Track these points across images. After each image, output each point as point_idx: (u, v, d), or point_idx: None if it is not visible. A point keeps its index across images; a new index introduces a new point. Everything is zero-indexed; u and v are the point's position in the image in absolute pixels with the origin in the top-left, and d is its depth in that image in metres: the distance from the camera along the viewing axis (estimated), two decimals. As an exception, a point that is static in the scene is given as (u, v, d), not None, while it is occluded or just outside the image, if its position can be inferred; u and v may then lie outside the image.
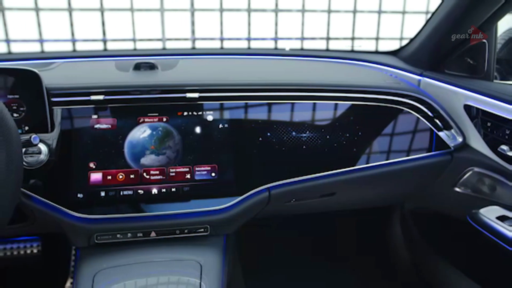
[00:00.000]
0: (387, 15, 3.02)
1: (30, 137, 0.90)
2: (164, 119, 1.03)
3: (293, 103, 1.11)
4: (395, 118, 1.15)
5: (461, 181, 1.16)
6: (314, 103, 1.12)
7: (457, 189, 1.18)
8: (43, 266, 1.35)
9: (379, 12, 2.99)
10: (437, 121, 1.15)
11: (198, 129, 1.04)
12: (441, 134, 1.15)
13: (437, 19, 1.22)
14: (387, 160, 1.13)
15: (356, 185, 1.13)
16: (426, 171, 1.17)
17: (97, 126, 1.01)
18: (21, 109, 0.98)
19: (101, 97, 1.01)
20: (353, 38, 3.12)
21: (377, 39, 3.05)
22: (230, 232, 1.09)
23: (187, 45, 3.00)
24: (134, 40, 2.86)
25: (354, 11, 3.00)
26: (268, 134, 1.08)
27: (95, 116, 1.02)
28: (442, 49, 1.25)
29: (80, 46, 2.78)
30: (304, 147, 1.09)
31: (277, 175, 1.06)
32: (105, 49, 2.80)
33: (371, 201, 1.32)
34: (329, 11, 2.95)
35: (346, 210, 1.47)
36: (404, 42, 1.61)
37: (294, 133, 1.09)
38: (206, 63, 1.31)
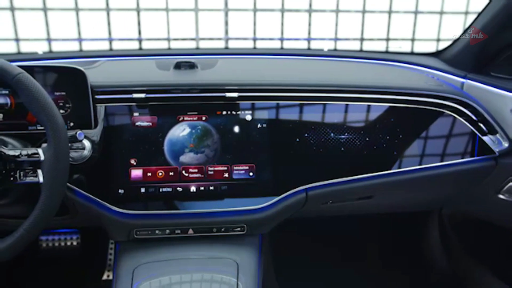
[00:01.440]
0: (423, 16, 2.95)
1: (76, 133, 0.93)
2: (203, 118, 1.04)
3: (331, 104, 1.10)
4: (436, 121, 1.12)
5: (506, 188, 1.12)
6: (353, 104, 1.11)
7: (501, 196, 1.14)
8: (81, 258, 1.39)
9: (416, 12, 2.93)
10: (481, 125, 1.12)
11: (236, 129, 1.05)
12: (485, 138, 1.11)
13: (484, 20, 1.18)
14: (427, 164, 1.10)
15: (395, 189, 1.11)
16: (469, 176, 1.14)
17: (138, 123, 1.03)
18: (67, 105, 1.01)
19: (142, 95, 1.03)
20: (387, 39, 3.07)
21: (413, 40, 2.99)
22: (265, 232, 1.09)
23: (220, 44, 3.02)
24: (168, 39, 2.90)
25: (390, 12, 2.95)
26: (306, 135, 1.08)
27: (136, 114, 1.04)
28: (489, 51, 1.21)
29: (116, 45, 2.83)
30: (342, 149, 1.08)
31: (314, 176, 1.05)
32: (141, 48, 2.85)
33: (409, 205, 1.30)
34: (364, 12, 2.91)
35: (382, 213, 1.45)
36: (441, 43, 1.56)
37: (332, 134, 1.08)
38: (245, 63, 1.32)
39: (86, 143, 1.00)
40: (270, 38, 3.01)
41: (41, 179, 0.82)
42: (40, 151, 0.83)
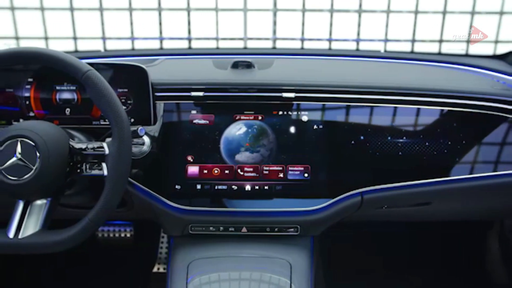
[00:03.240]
0: (480, 16, 2.82)
1: (137, 129, 0.95)
2: (260, 118, 1.05)
3: (389, 107, 1.08)
4: (501, 127, 1.07)
5: None
6: (413, 107, 1.08)
7: None
8: (133, 250, 1.43)
9: (472, 13, 2.81)
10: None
11: (292, 129, 1.04)
12: (556, 147, 1.05)
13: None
14: (491, 171, 1.05)
15: (455, 196, 1.07)
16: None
17: (195, 121, 1.05)
18: (129, 102, 1.04)
19: (201, 93, 1.05)
20: (440, 41, 2.96)
21: (468, 41, 2.87)
22: (318, 234, 1.08)
23: (268, 44, 3.02)
24: (217, 39, 2.94)
25: (444, 12, 2.84)
26: (362, 137, 1.06)
27: (194, 112, 1.05)
28: None
29: (166, 44, 2.90)
30: (400, 153, 1.05)
31: (370, 180, 1.03)
32: (190, 47, 2.90)
33: (469, 214, 1.24)
34: (416, 12, 2.82)
35: (438, 221, 1.40)
36: (500, 46, 1.49)
37: (389, 138, 1.05)
38: (301, 63, 1.31)
39: (146, 139, 1.03)
40: (318, 39, 2.99)
41: (105, 172, 0.85)
42: (105, 145, 0.86)
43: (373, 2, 2.83)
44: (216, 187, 1.02)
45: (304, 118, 1.05)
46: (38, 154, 0.81)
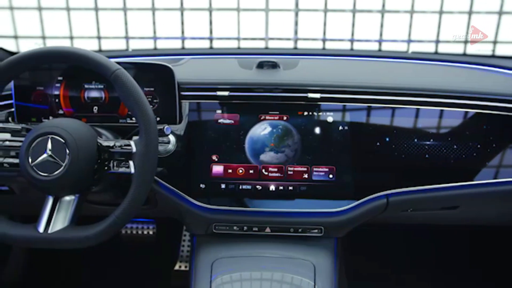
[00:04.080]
0: (509, 17, 2.76)
1: (163, 128, 0.96)
2: (285, 118, 1.04)
3: (416, 109, 1.06)
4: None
5: None
6: (440, 109, 1.06)
7: None
8: (155, 247, 1.45)
9: (500, 13, 2.74)
10: None
11: (317, 130, 1.04)
12: None
13: None
14: (521, 176, 1.02)
15: (483, 201, 1.04)
16: None
17: (220, 120, 1.05)
18: (155, 101, 1.05)
19: (226, 93, 1.05)
20: (466, 42, 2.91)
21: (495, 42, 2.80)
22: (341, 236, 1.08)
23: (289, 44, 3.01)
24: (238, 39, 2.94)
25: (470, 12, 2.79)
26: (387, 139, 1.04)
27: (219, 111, 1.06)
28: None
29: (188, 44, 2.92)
30: (427, 155, 1.03)
31: (396, 182, 1.02)
32: (212, 47, 2.92)
33: (499, 219, 1.21)
34: (441, 12, 2.78)
35: (464, 225, 1.37)
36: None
37: (416, 140, 1.04)
38: (326, 64, 1.30)
39: (171, 138, 1.04)
40: (340, 39, 2.97)
41: (132, 170, 0.86)
42: (132, 143, 0.87)
43: (396, 2, 2.79)
44: (240, 187, 1.02)
45: (329, 119, 1.04)
46: (67, 151, 0.83)
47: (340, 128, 1.04)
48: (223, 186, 1.02)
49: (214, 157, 1.04)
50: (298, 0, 2.90)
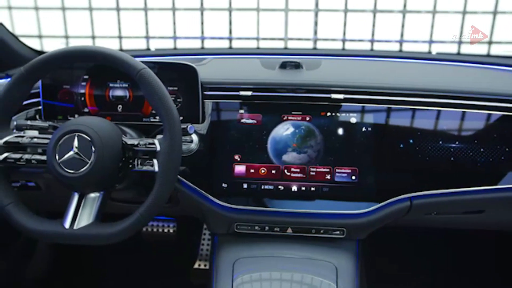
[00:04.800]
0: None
1: (187, 127, 0.97)
2: (307, 118, 1.04)
3: (441, 110, 1.04)
4: None
5: None
6: (466, 111, 1.04)
7: None
8: (175, 245, 1.46)
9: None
10: None
11: (340, 131, 1.03)
12: None
13: None
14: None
15: (511, 205, 1.02)
16: None
17: (243, 120, 1.05)
18: (178, 100, 1.06)
19: (249, 93, 1.05)
20: (490, 42, 2.85)
21: (519, 43, 2.74)
22: (363, 238, 1.07)
23: (309, 45, 3.00)
24: (257, 39, 2.94)
25: (494, 13, 2.73)
26: (411, 141, 1.03)
27: (242, 111, 1.06)
28: None
29: (207, 44, 2.94)
30: (452, 158, 1.01)
31: (420, 185, 1.01)
32: (231, 47, 2.92)
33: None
34: (464, 13, 2.73)
35: (490, 230, 1.35)
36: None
37: (441, 142, 1.02)
38: (349, 64, 1.29)
39: (194, 137, 1.04)
40: (360, 40, 2.94)
41: (156, 168, 0.86)
42: (156, 141, 0.88)
43: (418, 3, 2.76)
44: (262, 187, 1.02)
45: (353, 120, 1.03)
46: (93, 148, 0.84)
47: (363, 129, 1.03)
48: (245, 185, 1.03)
49: (236, 157, 1.04)
50: (318, 0, 2.88)
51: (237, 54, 1.46)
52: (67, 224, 0.86)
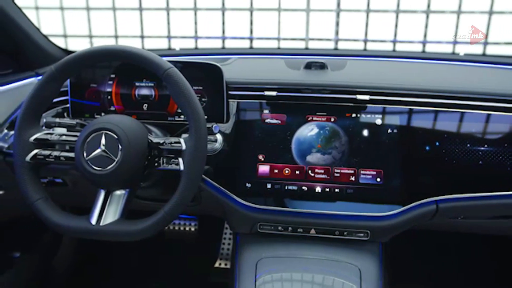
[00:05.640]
0: None
1: (212, 126, 0.97)
2: (332, 119, 1.03)
3: (469, 113, 1.02)
4: None
5: None
6: (496, 114, 1.01)
7: None
8: (196, 244, 1.46)
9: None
10: None
11: (365, 132, 1.02)
12: None
13: None
14: None
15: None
16: None
17: (267, 120, 1.05)
18: (203, 99, 1.07)
19: (274, 93, 1.05)
20: (516, 43, 2.78)
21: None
22: (386, 240, 1.05)
23: (330, 45, 2.98)
24: (278, 39, 2.94)
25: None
26: (437, 143, 1.01)
27: (266, 111, 1.06)
28: None
29: (228, 44, 2.95)
30: (480, 162, 0.99)
31: (446, 188, 0.99)
32: (252, 47, 2.92)
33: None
34: (491, 13, 2.67)
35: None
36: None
37: (468, 145, 1.00)
38: (374, 65, 1.28)
39: (218, 136, 1.05)
40: (382, 40, 2.91)
41: (181, 167, 0.87)
42: (182, 140, 0.88)
43: (441, 3, 2.71)
44: (286, 187, 1.02)
45: (378, 122, 1.02)
46: (120, 146, 0.85)
47: (389, 130, 1.02)
48: (268, 185, 1.03)
49: (260, 157, 1.04)
50: (340, 0, 2.86)
51: (258, 54, 1.46)
52: (93, 220, 0.87)
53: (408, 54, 1.49)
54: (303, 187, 1.01)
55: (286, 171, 1.02)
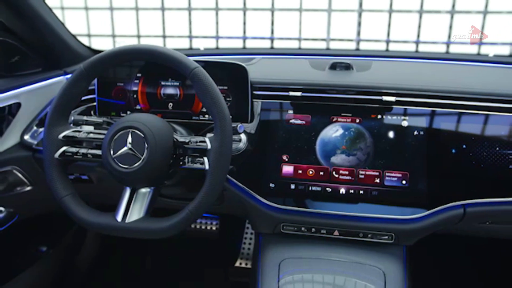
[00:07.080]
0: None
1: (237, 126, 0.97)
2: (357, 120, 1.02)
3: (498, 115, 1.00)
4: None
5: None
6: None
7: None
8: (217, 243, 1.47)
9: None
10: None
11: (391, 134, 1.01)
12: None
13: None
14: None
15: None
16: None
17: (292, 121, 1.05)
18: (228, 99, 1.07)
19: (298, 93, 1.05)
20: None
21: None
22: (411, 244, 1.04)
23: (351, 46, 2.96)
24: (299, 39, 2.93)
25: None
26: (464, 146, 0.99)
27: (291, 112, 1.06)
28: None
29: (250, 43, 2.95)
30: (510, 166, 0.97)
31: (474, 192, 0.97)
32: (272, 47, 2.92)
33: None
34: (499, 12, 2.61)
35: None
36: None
37: (497, 148, 0.98)
38: (400, 66, 1.26)
39: (242, 136, 1.05)
40: (405, 41, 2.88)
41: (206, 166, 0.87)
42: (207, 139, 0.88)
43: (467, 4, 2.66)
44: (310, 188, 1.01)
45: (404, 123, 1.01)
46: (146, 145, 0.85)
47: (415, 133, 1.00)
48: (292, 186, 1.02)
49: (284, 157, 1.04)
50: (362, 0, 2.84)
51: (280, 54, 1.45)
52: (119, 217, 0.88)
53: (432, 55, 1.47)
54: (327, 188, 1.01)
55: (310, 172, 1.02)
